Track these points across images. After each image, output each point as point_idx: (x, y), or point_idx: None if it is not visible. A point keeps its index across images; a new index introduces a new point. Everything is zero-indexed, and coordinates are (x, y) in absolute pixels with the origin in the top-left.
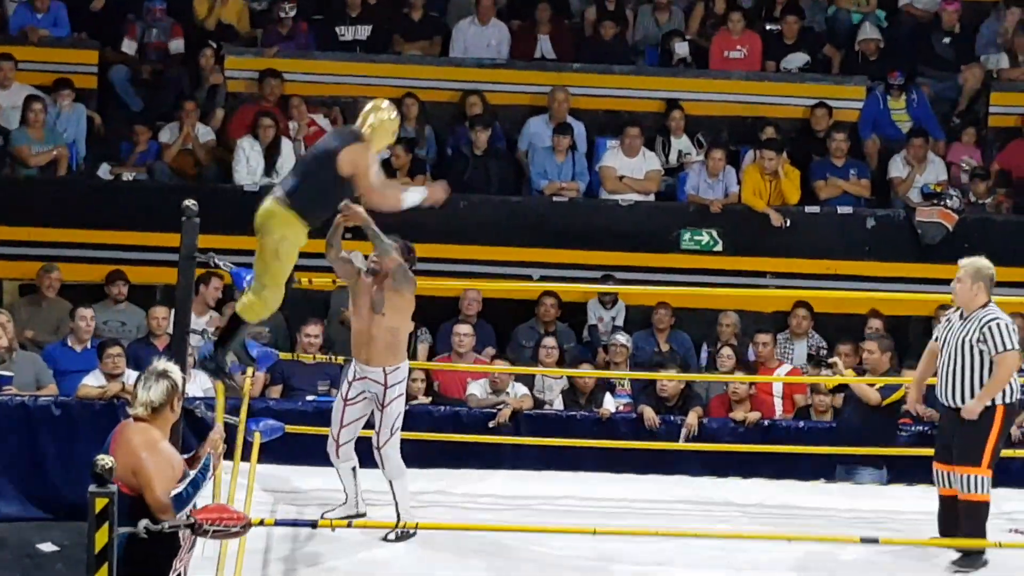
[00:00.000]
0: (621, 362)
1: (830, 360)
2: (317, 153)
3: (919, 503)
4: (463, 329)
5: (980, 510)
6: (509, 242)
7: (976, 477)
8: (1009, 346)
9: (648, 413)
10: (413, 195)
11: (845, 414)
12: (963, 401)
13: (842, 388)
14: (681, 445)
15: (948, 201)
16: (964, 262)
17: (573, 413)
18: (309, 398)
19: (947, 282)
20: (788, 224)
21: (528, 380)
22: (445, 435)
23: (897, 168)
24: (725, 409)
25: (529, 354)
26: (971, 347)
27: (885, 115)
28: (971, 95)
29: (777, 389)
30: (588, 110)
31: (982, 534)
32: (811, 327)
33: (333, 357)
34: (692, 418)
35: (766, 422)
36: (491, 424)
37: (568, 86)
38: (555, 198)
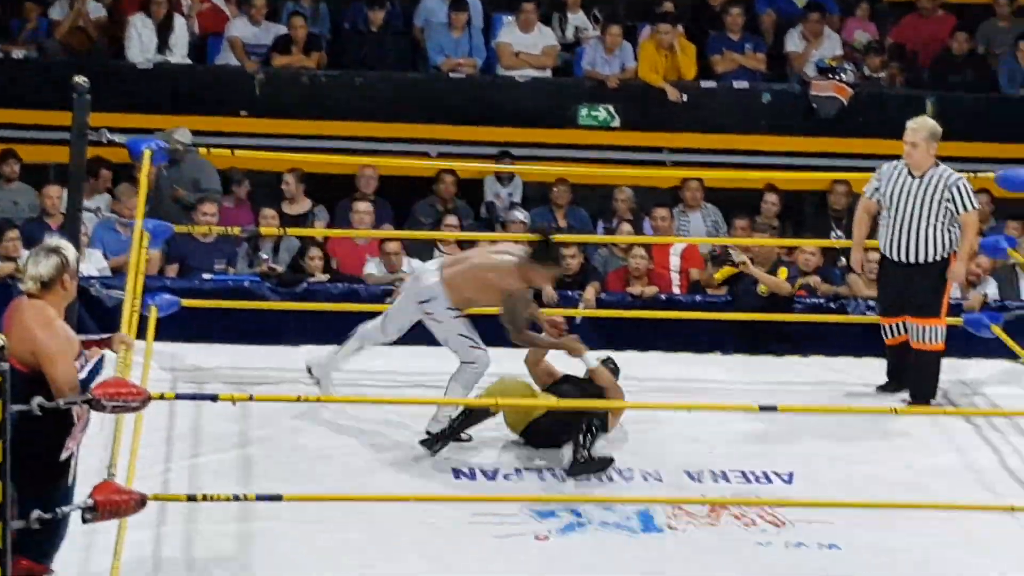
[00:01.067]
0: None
1: (737, 260)
2: None
3: (817, 373)
4: (362, 206)
5: (935, 359)
6: (406, 119)
7: (935, 328)
8: (974, 205)
9: (546, 289)
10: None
11: (742, 290)
12: (922, 258)
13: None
14: (579, 312)
15: (843, 75)
16: (915, 124)
17: None
18: (206, 276)
19: (842, 156)
20: (685, 99)
21: (426, 258)
22: (344, 305)
23: (793, 42)
24: (622, 284)
25: (428, 231)
26: (937, 205)
27: None
28: None
29: (674, 264)
30: None
31: (935, 382)
32: (703, 198)
33: (229, 229)
34: (589, 292)
35: (663, 296)
36: (387, 300)
37: None
38: (452, 74)
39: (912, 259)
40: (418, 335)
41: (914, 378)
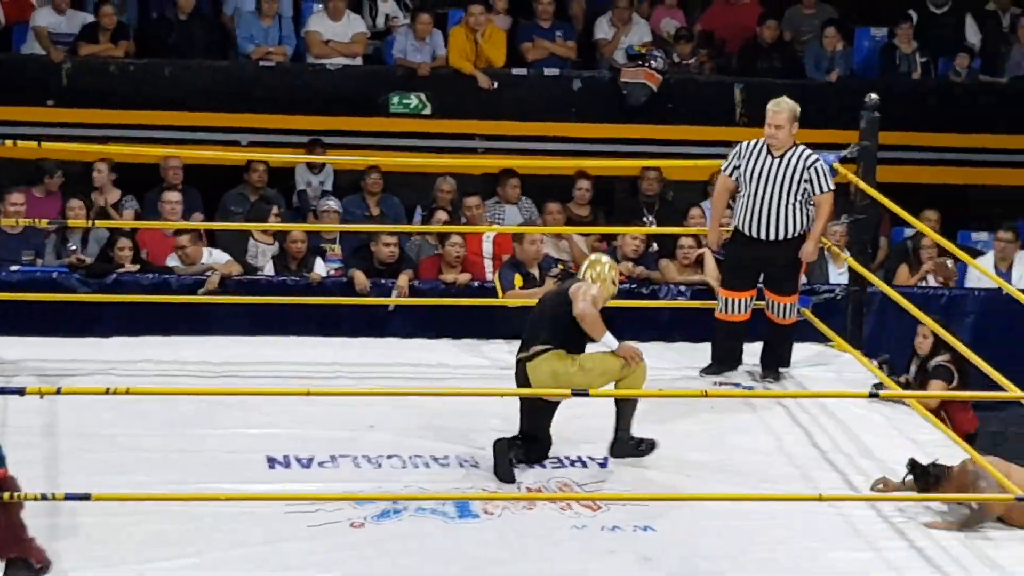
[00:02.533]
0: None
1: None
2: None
3: None
4: (171, 196)
5: (791, 331)
6: (216, 108)
7: (792, 304)
8: (831, 186)
9: (359, 277)
10: (610, 339)
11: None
12: (780, 235)
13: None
14: (391, 301)
15: (652, 62)
16: (778, 106)
17: (284, 278)
18: (13, 268)
19: (652, 142)
20: (496, 86)
21: (239, 248)
22: (154, 297)
23: (602, 29)
24: (436, 271)
25: (240, 221)
26: (796, 185)
27: None
28: None
29: (487, 251)
30: None
31: (790, 352)
32: (520, 195)
33: (35, 221)
34: (403, 280)
35: (476, 283)
36: (200, 292)
37: None
38: (262, 63)
39: (770, 236)
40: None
41: (771, 348)
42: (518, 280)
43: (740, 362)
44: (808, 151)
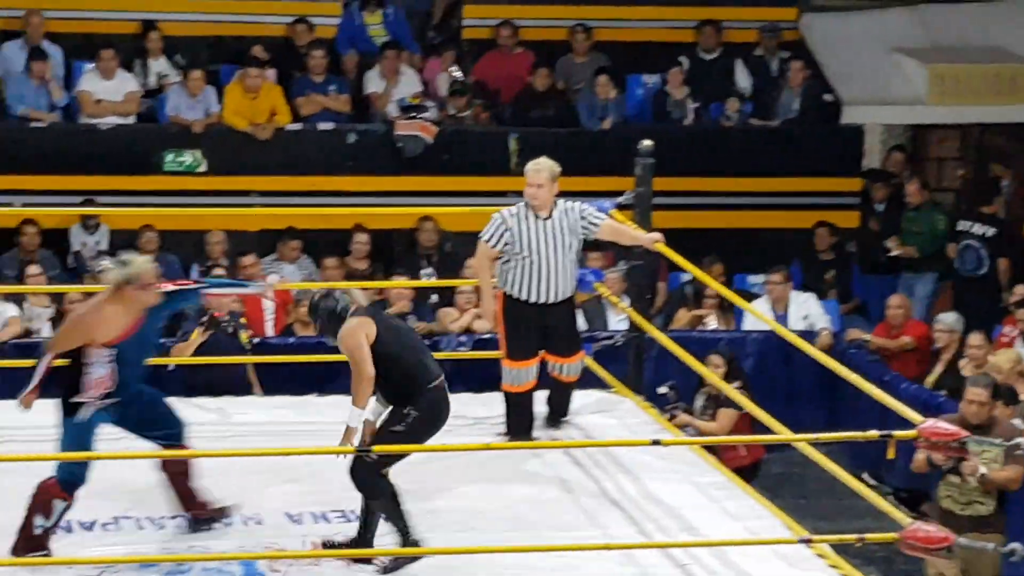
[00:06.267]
0: None
1: None
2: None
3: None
4: None
5: (572, 388)
6: None
7: (580, 361)
8: (605, 213)
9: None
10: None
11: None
12: (561, 296)
13: None
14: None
15: (426, 114)
16: (537, 165)
17: None
18: None
19: (429, 194)
20: (269, 137)
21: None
22: None
23: (374, 82)
24: None
25: (12, 284)
26: (571, 242)
27: (361, 30)
28: (445, 8)
29: (268, 308)
30: (65, 33)
31: (570, 401)
32: (300, 253)
33: None
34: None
35: (256, 339)
36: None
37: (43, 9)
38: (33, 124)
39: (551, 298)
40: None
41: (553, 400)
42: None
43: (534, 427)
44: (567, 203)
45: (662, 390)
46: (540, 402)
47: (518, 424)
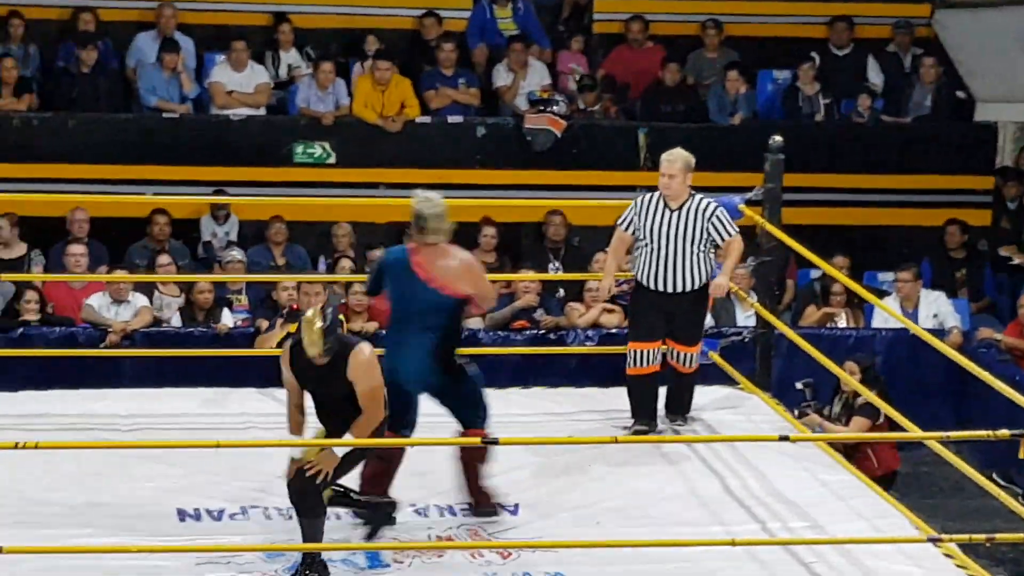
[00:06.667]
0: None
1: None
2: None
3: (537, 403)
4: (76, 249)
5: (694, 380)
6: (120, 160)
7: (696, 354)
8: (736, 231)
9: (265, 327)
10: None
11: None
12: (683, 287)
13: None
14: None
15: (555, 107)
16: (671, 156)
17: (191, 329)
18: None
19: (557, 188)
20: (399, 129)
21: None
22: (61, 351)
23: (501, 76)
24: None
25: (144, 272)
26: (698, 237)
27: (492, 24)
28: (574, 2)
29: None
30: (197, 24)
31: (691, 399)
32: None
33: None
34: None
35: (382, 332)
36: (102, 345)
37: (175, 1)
38: (165, 114)
39: (675, 288)
40: None
41: (675, 394)
42: None
43: (657, 414)
44: (706, 200)
45: (799, 386)
46: (663, 397)
47: (640, 408)
